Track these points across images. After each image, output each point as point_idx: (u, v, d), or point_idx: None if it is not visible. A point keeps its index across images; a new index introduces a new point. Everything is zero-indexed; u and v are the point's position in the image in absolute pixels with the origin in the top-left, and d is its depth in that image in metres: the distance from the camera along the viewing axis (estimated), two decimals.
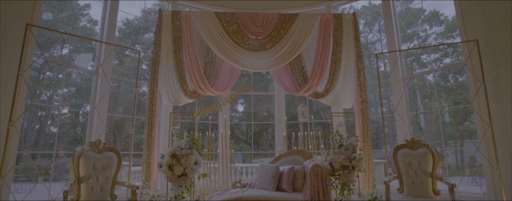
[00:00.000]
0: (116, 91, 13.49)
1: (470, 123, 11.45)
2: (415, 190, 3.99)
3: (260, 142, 15.79)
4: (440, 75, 13.32)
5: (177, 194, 3.78)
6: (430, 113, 11.16)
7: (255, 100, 14.82)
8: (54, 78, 4.03)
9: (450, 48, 4.97)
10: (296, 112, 6.56)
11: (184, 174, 3.82)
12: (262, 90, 14.84)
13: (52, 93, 15.09)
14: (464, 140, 13.56)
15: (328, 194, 3.78)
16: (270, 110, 14.69)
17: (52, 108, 13.97)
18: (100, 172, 3.83)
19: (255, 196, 3.81)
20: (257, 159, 13.43)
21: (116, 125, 13.91)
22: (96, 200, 3.66)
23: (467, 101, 4.67)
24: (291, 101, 14.25)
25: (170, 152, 3.81)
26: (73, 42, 13.66)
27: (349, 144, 4.05)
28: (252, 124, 7.25)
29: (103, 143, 3.99)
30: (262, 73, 15.50)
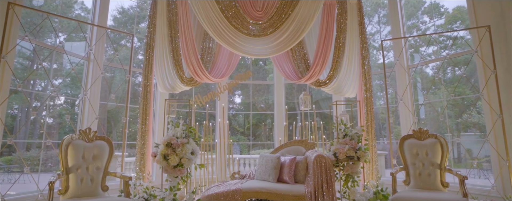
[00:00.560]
0: (110, 81, 13.13)
1: (469, 116, 11.29)
2: (423, 182, 3.78)
3: (258, 133, 15.58)
4: (438, 68, 13.13)
5: (172, 185, 3.53)
6: (429, 105, 11.00)
7: (253, 91, 14.55)
8: (40, 62, 3.72)
9: (457, 34, 4.70)
10: (293, 103, 6.32)
11: (180, 164, 3.57)
12: (261, 81, 14.57)
13: (47, 83, 14.69)
14: (464, 132, 13.43)
15: (332, 186, 3.55)
16: (268, 100, 14.43)
17: (46, 98, 13.63)
18: (91, 162, 3.57)
19: (255, 188, 3.57)
20: (255, 151, 13.22)
21: (112, 116, 13.60)
22: (86, 192, 3.40)
23: (466, 93, 4.43)
24: (289, 92, 14.00)
25: (165, 141, 3.55)
26: (67, 31, 13.22)
27: (354, 134, 3.81)
28: (251, 114, 6.98)
29: (94, 132, 3.72)
30: (260, 64, 15.19)
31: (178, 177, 3.66)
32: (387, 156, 7.89)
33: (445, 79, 13.01)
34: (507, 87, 4.11)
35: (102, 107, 11.60)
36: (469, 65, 4.82)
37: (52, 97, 6.54)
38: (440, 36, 11.94)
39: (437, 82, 4.82)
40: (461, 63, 12.28)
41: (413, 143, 3.96)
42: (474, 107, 11.54)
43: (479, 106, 11.90)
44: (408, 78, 5.04)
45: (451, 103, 12.23)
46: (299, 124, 4.97)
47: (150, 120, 4.49)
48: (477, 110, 11.34)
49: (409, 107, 5.06)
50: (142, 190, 3.67)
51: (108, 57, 11.23)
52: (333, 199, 3.50)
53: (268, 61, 14.83)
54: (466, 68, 4.51)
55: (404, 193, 3.54)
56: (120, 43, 14.16)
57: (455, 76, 13.10)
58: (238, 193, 3.53)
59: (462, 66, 12.43)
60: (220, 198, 3.53)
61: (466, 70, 12.08)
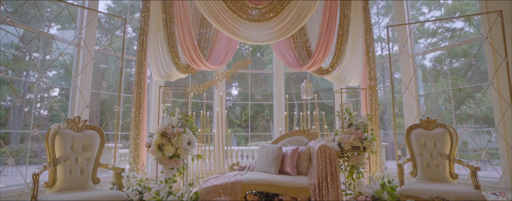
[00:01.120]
0: (104, 71, 12.77)
1: (468, 108, 11.16)
2: (431, 173, 3.58)
3: (255, 125, 15.36)
4: (436, 60, 12.92)
5: (168, 177, 3.29)
6: (429, 97, 10.82)
7: (250, 82, 14.28)
8: (24, 46, 3.42)
9: (465, 23, 4.46)
10: (291, 94, 6.10)
11: (176, 155, 3.33)
12: (259, 74, 14.30)
13: (42, 76, 14.28)
14: (459, 125, 13.34)
15: (337, 178, 3.34)
16: (265, 92, 14.17)
17: (31, 85, 13.24)
18: (80, 152, 3.32)
19: (256, 180, 3.35)
20: (252, 143, 13.01)
21: (107, 108, 13.26)
22: (75, 184, 3.16)
23: (464, 85, 4.22)
24: (287, 84, 13.73)
25: (159, 131, 3.30)
26: (60, 21, 12.77)
27: (360, 123, 3.59)
28: (249, 105, 6.74)
29: (84, 121, 3.45)
30: (257, 55, 14.89)
31: (174, 169, 3.42)
32: (387, 147, 7.73)
33: (443, 72, 12.84)
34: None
35: (95, 98, 11.26)
36: (470, 54, 4.60)
37: (47, 89, 6.22)
38: (439, 28, 11.74)
39: (442, 72, 4.61)
40: (460, 55, 12.09)
41: (420, 133, 3.76)
42: (472, 98, 11.40)
43: (478, 97, 11.78)
44: (414, 66, 4.81)
45: (448, 95, 12.10)
46: (300, 114, 4.74)
47: (144, 109, 4.22)
48: (475, 101, 11.20)
49: (414, 96, 4.84)
50: (136, 182, 3.43)
51: (102, 47, 10.87)
52: (338, 191, 3.29)
53: (266, 52, 14.53)
54: (475, 54, 4.27)
55: (412, 185, 3.35)
56: (114, 33, 13.75)
57: (452, 69, 12.91)
58: (238, 185, 3.30)
59: (461, 58, 12.24)
60: (218, 191, 3.31)
61: (467, 61, 11.77)
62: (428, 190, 3.17)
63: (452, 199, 3.04)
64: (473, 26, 8.01)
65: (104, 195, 2.93)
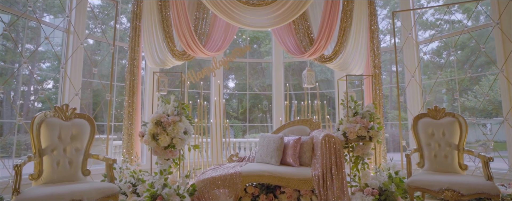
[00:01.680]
0: (97, 62, 12.41)
1: (466, 100, 11.03)
2: (439, 164, 3.40)
3: (251, 118, 15.14)
4: (434, 52, 12.73)
5: (163, 168, 3.07)
6: (434, 85, 10.66)
7: (248, 73, 14.01)
8: (6, 28, 3.14)
9: (477, 5, 4.22)
10: (288, 85, 5.90)
11: (171, 145, 3.10)
12: (256, 65, 14.01)
13: (35, 65, 13.85)
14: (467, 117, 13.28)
15: (342, 169, 3.14)
16: (263, 84, 13.91)
17: (13, 73, 12.86)
18: (68, 142, 3.07)
19: (256, 171, 3.14)
20: (249, 135, 12.80)
21: (102, 100, 12.91)
22: (63, 176, 2.92)
23: (461, 77, 4.03)
24: (285, 75, 13.49)
25: (153, 119, 3.06)
26: (52, 11, 12.32)
27: (365, 112, 3.38)
28: (248, 95, 6.51)
29: (72, 109, 3.20)
30: (254, 47, 14.60)
31: (169, 160, 3.20)
32: (387, 139, 7.57)
33: (441, 64, 12.66)
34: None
35: (88, 88, 10.89)
36: (469, 47, 4.40)
37: (34, 79, 5.91)
38: (437, 20, 11.51)
39: (441, 64, 4.41)
40: (459, 46, 11.91)
41: (428, 122, 3.56)
42: (470, 90, 11.27)
43: (476, 89, 11.65)
44: (419, 55, 4.60)
45: (446, 87, 11.93)
46: (301, 103, 4.52)
47: (138, 98, 3.97)
48: (474, 94, 11.08)
49: (419, 84, 4.64)
50: (129, 174, 3.20)
51: (91, 32, 10.48)
52: (343, 183, 3.10)
53: (263, 43, 14.23)
54: (485, 40, 4.07)
55: (420, 176, 3.16)
56: (109, 24, 13.34)
57: (455, 58, 12.73)
58: (238, 177, 3.09)
59: (458, 51, 12.06)
60: (217, 183, 3.09)
61: (469, 51, 11.56)
62: (437, 181, 2.99)
63: (463, 191, 2.87)
64: (471, 16, 7.80)
65: (94, 187, 2.70)
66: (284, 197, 3.09)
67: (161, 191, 2.76)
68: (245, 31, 13.11)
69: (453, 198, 2.90)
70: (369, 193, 2.98)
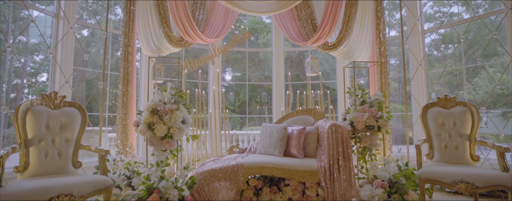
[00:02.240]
0: (92, 54, 12.05)
1: (464, 93, 10.93)
2: (449, 155, 3.22)
3: (249, 111, 14.91)
4: (432, 46, 12.58)
5: (160, 160, 2.85)
6: (442, 74, 10.48)
7: (244, 67, 13.74)
8: None
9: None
10: (287, 76, 5.74)
11: (169, 135, 2.87)
12: (254, 57, 13.72)
13: (26, 58, 13.43)
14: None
15: (349, 160, 2.95)
16: (260, 76, 13.66)
17: (26, 74, 12.48)
18: (57, 133, 2.83)
19: (259, 163, 2.93)
20: (247, 128, 12.60)
21: (97, 92, 12.58)
22: (52, 169, 2.69)
23: (459, 70, 3.84)
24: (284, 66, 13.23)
25: (149, 107, 2.83)
26: (42, 3, 11.90)
27: (374, 100, 3.18)
28: (247, 85, 6.28)
29: (61, 96, 2.95)
30: (252, 39, 14.30)
31: (166, 151, 2.97)
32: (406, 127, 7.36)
33: (439, 57, 12.49)
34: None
35: (80, 78, 10.53)
36: (466, 38, 4.20)
37: (33, 74, 5.62)
38: (436, 12, 11.29)
39: (439, 57, 4.21)
40: (456, 40, 11.73)
41: (438, 112, 3.38)
42: (469, 82, 11.15)
43: (475, 82, 11.53)
44: (424, 43, 4.39)
45: (444, 80, 11.79)
46: (304, 93, 4.31)
47: (133, 86, 3.73)
48: (473, 86, 10.95)
49: (423, 76, 4.44)
50: (123, 166, 2.98)
51: (88, 25, 10.14)
52: (351, 174, 2.91)
53: (261, 35, 13.94)
54: (497, 27, 3.86)
55: (431, 167, 2.98)
56: (103, 14, 12.93)
57: (443, 55, 12.55)
58: (239, 168, 2.89)
59: (456, 43, 11.87)
60: (217, 175, 2.88)
61: (468, 43, 11.35)
62: (450, 173, 2.81)
63: (478, 183, 2.69)
64: (471, 7, 7.59)
65: (85, 180, 2.48)
66: (289, 190, 2.90)
67: (158, 184, 2.55)
68: (243, 22, 12.81)
69: (467, 191, 2.72)
70: (378, 186, 2.80)
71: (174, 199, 2.52)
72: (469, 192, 2.75)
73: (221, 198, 2.82)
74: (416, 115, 4.36)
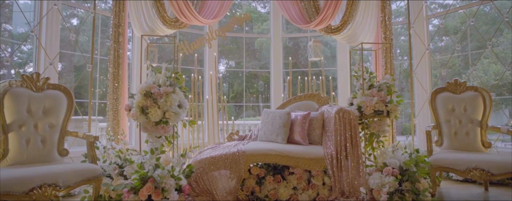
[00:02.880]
0: (83, 43, 11.57)
1: (465, 79, 10.83)
2: (459, 142, 3.06)
3: (244, 102, 14.62)
4: (438, 28, 12.39)
5: (154, 147, 2.59)
6: (449, 59, 10.33)
7: (240, 55, 13.43)
8: None
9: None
10: (284, 63, 5.54)
11: (164, 120, 2.61)
12: (248, 46, 13.39)
13: (14, 48, 12.85)
14: None
15: (358, 146, 2.74)
16: (255, 67, 13.35)
17: (16, 65, 11.93)
18: (40, 117, 2.55)
19: (262, 150, 2.70)
20: (241, 119, 12.35)
21: (82, 73, 12.09)
22: (34, 156, 2.41)
23: (453, 62, 3.67)
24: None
25: (142, 89, 2.56)
26: None
27: (383, 84, 2.97)
28: (244, 72, 6.03)
29: (45, 78, 2.66)
30: (245, 29, 13.95)
31: (161, 138, 2.72)
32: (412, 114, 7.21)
33: (440, 46, 12.28)
34: None
35: (70, 71, 10.09)
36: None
37: (21, 64, 5.21)
38: (431, 3, 11.11)
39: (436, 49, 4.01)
40: (452, 31, 11.60)
41: (448, 97, 3.19)
42: (464, 74, 11.06)
43: (469, 73, 11.48)
44: (428, 26, 4.18)
45: (444, 69, 11.73)
46: (305, 79, 4.07)
47: (124, 69, 3.44)
48: (467, 77, 10.86)
49: (427, 62, 4.25)
50: (115, 154, 2.72)
51: (74, 5, 9.65)
52: (359, 162, 2.71)
53: (255, 25, 13.60)
54: (508, 11, 3.67)
55: (443, 154, 2.81)
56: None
57: (437, 47, 12.43)
58: (241, 156, 2.65)
59: (452, 34, 11.76)
60: (217, 163, 2.65)
61: (462, 35, 11.34)
62: (464, 160, 2.64)
63: (494, 170, 2.53)
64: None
65: (71, 169, 2.21)
66: (293, 178, 2.69)
67: (152, 172, 2.30)
68: (237, 11, 12.44)
69: (481, 178, 2.56)
70: (389, 173, 2.61)
71: (171, 188, 2.28)
72: (484, 179, 2.59)
73: (221, 188, 2.60)
74: (419, 105, 4.18)
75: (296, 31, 7.65)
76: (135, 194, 2.25)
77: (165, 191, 2.25)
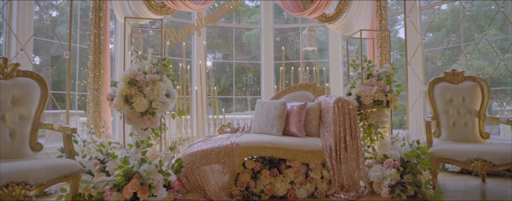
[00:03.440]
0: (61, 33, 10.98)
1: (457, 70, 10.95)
2: (458, 133, 2.96)
3: (231, 97, 14.37)
4: (433, 19, 12.48)
5: (140, 140, 2.34)
6: (445, 50, 10.33)
7: (226, 50, 13.13)
8: None
9: None
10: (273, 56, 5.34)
11: (150, 111, 2.37)
12: (236, 41, 13.10)
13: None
14: None
15: (357, 138, 2.59)
16: (244, 60, 13.08)
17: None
18: (9, 108, 2.25)
19: (257, 142, 2.51)
20: (233, 113, 12.09)
21: (59, 60, 11.44)
22: (1, 151, 2.12)
23: (436, 56, 3.60)
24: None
25: (126, 77, 2.29)
26: None
27: (382, 73, 2.82)
28: (234, 64, 5.79)
29: (13, 64, 2.34)
30: (234, 23, 13.64)
31: (147, 130, 2.47)
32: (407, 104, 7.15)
33: (430, 38, 12.30)
34: None
35: (47, 63, 9.50)
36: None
37: None
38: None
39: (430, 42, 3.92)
40: (435, 27, 11.70)
41: (446, 87, 3.08)
42: (448, 68, 11.21)
43: (453, 67, 11.62)
44: (421, 19, 4.08)
45: (433, 62, 11.85)
46: (299, 70, 3.89)
47: (106, 56, 3.14)
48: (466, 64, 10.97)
49: (420, 54, 4.15)
50: (96, 148, 2.45)
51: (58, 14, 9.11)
52: (359, 154, 2.56)
53: (243, 18, 13.31)
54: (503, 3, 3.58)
55: (443, 145, 2.69)
56: None
57: (446, 30, 12.54)
58: (235, 149, 2.45)
59: (435, 31, 11.86)
60: (209, 157, 2.43)
61: (442, 34, 11.36)
62: (465, 150, 2.53)
63: (496, 161, 2.43)
64: None
65: (44, 165, 1.94)
66: (290, 172, 2.51)
67: (138, 167, 2.06)
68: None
69: (483, 169, 2.46)
70: (390, 166, 2.47)
71: (159, 185, 2.04)
72: (485, 170, 2.48)
73: (214, 183, 2.38)
74: (413, 98, 4.08)
75: (286, 22, 7.45)
76: (119, 191, 2.01)
77: (153, 188, 2.02)
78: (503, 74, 6.75)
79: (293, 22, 6.84)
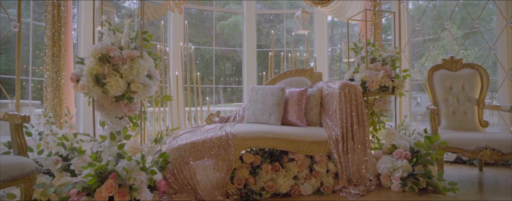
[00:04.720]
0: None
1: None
2: (458, 121, 2.82)
3: (209, 89, 13.70)
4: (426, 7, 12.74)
5: (115, 131, 1.85)
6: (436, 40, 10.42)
7: (202, 40, 12.45)
8: None
9: None
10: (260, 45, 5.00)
11: (127, 95, 1.89)
12: (209, 32, 12.45)
13: None
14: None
15: (364, 127, 2.32)
16: (218, 51, 12.46)
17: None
18: None
19: (256, 132, 2.14)
20: (213, 105, 11.48)
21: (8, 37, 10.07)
22: None
23: (423, 52, 3.56)
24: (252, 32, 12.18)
25: (97, 51, 1.79)
26: None
27: (388, 57, 2.57)
28: (214, 50, 5.33)
29: None
30: (206, 13, 12.94)
31: (124, 119, 1.99)
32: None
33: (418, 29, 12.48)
34: None
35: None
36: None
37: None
38: None
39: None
40: (416, 18, 11.98)
41: (446, 75, 2.93)
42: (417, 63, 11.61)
43: (421, 62, 12.06)
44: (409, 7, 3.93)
45: (422, 53, 12.11)
46: (289, 56, 3.56)
47: (68, 31, 2.56)
48: (418, 69, 11.34)
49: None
50: (56, 142, 1.93)
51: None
52: (367, 144, 2.29)
53: (218, 5, 12.65)
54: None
55: (449, 134, 2.52)
56: None
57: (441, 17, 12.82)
58: (231, 140, 2.06)
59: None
60: (200, 150, 2.03)
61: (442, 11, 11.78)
62: (473, 139, 2.37)
63: (505, 149, 2.30)
64: None
65: None
66: (294, 166, 2.18)
67: (114, 165, 1.60)
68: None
69: (492, 158, 2.31)
70: (401, 156, 2.23)
71: (142, 186, 1.60)
72: (494, 159, 2.34)
73: (206, 181, 1.98)
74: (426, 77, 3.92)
75: (270, 8, 7.04)
76: (89, 196, 1.53)
77: (134, 190, 1.57)
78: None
79: (277, 8, 6.50)
